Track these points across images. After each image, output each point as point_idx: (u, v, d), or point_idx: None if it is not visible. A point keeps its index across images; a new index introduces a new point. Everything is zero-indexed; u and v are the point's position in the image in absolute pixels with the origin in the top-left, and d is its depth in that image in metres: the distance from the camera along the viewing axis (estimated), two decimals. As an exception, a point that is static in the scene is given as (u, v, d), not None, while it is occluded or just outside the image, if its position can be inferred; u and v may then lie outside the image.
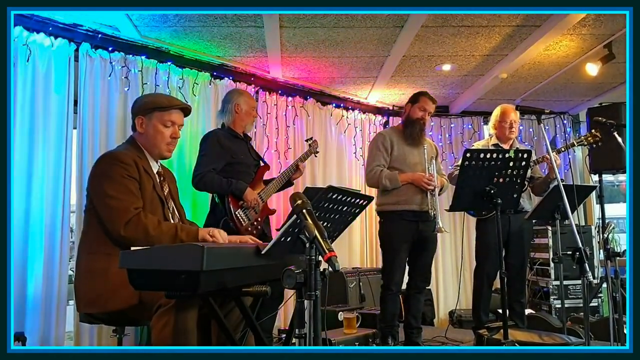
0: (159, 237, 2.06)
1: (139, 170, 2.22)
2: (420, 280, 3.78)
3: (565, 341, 3.07)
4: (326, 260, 1.43)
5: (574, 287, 4.91)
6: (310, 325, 1.44)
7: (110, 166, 2.18)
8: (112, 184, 2.13)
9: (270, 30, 3.93)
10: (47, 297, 3.43)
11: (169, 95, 2.58)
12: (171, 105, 2.37)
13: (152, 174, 2.32)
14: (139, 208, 2.13)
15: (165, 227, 2.12)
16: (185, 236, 2.10)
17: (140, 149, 2.35)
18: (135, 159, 2.24)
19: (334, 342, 3.46)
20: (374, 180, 3.70)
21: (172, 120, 2.35)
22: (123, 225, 2.05)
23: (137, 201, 2.15)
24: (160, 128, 2.33)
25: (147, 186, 2.24)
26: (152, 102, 2.38)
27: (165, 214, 2.31)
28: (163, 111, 2.33)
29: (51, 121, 3.57)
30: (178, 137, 2.39)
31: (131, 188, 2.15)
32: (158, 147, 2.35)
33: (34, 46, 3.52)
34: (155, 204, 2.26)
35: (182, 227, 2.15)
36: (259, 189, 3.50)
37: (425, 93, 3.81)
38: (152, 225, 2.08)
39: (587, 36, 4.17)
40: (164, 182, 2.41)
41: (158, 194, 2.30)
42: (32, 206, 3.42)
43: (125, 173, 2.16)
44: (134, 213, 2.08)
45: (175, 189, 2.54)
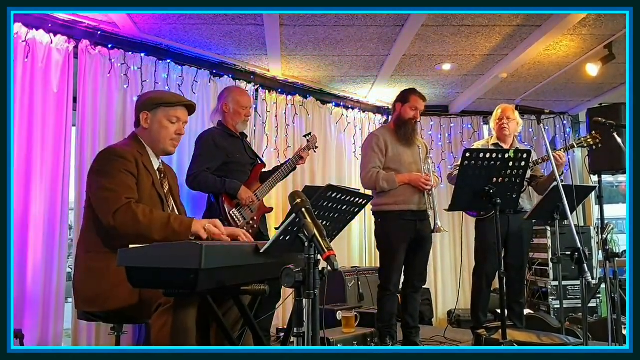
0: (150, 225, 2.03)
1: (138, 166, 2.21)
2: (417, 279, 3.77)
3: (563, 341, 3.07)
4: (325, 259, 1.43)
5: (572, 287, 4.91)
6: (308, 324, 1.44)
7: (108, 161, 2.17)
8: (108, 178, 2.12)
9: (270, 28, 3.92)
10: (46, 295, 3.42)
11: (174, 93, 2.62)
12: (177, 101, 2.38)
13: (152, 170, 2.31)
14: (131, 198, 2.11)
15: (157, 215, 2.09)
16: (178, 226, 2.06)
17: (142, 145, 2.34)
18: (135, 155, 2.23)
19: (332, 341, 3.46)
20: (371, 183, 3.68)
21: (178, 117, 2.35)
22: (112, 213, 2.03)
23: (130, 192, 2.13)
24: (165, 123, 2.33)
25: (146, 183, 2.23)
26: (158, 97, 2.39)
27: (165, 210, 2.29)
28: (169, 107, 2.34)
29: (50, 118, 3.56)
30: (182, 134, 2.40)
31: (127, 181, 2.15)
32: (162, 142, 2.35)
33: (33, 43, 3.50)
34: (154, 201, 2.25)
35: (176, 217, 2.13)
36: (255, 188, 3.49)
37: (415, 91, 3.79)
38: (142, 213, 2.05)
39: (587, 36, 4.16)
40: (164, 179, 2.40)
41: (157, 191, 2.29)
42: (30, 203, 3.41)
43: (123, 168, 2.15)
44: (125, 202, 2.06)
45: (176, 187, 2.53)
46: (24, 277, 3.35)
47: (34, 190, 3.43)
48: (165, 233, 2.02)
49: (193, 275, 1.58)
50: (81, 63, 3.76)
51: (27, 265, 3.37)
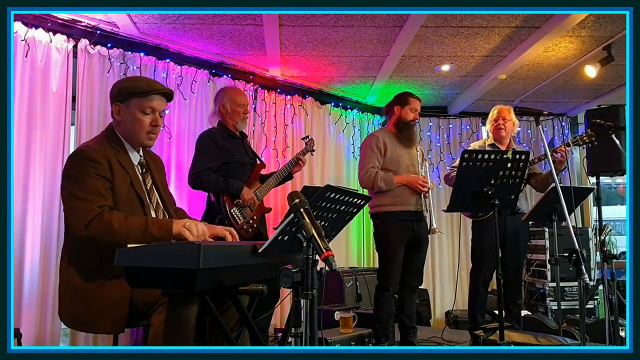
0: (126, 233, 1.89)
1: (112, 167, 2.06)
2: (414, 280, 3.79)
3: (561, 343, 3.07)
4: (323, 260, 1.43)
5: (570, 288, 4.92)
6: (306, 324, 1.44)
7: (78, 166, 2.02)
8: (78, 184, 1.98)
9: (269, 28, 3.92)
10: (43, 294, 3.42)
11: (148, 79, 2.38)
12: (150, 89, 2.15)
13: (130, 168, 2.15)
14: (104, 206, 1.96)
15: (132, 221, 1.94)
16: (157, 230, 1.93)
17: (119, 140, 2.17)
18: (108, 156, 2.07)
19: (330, 341, 3.46)
20: (369, 182, 3.70)
21: (152, 107, 2.14)
22: (85, 225, 1.90)
23: (103, 200, 1.98)
24: (138, 116, 2.13)
25: (122, 184, 2.08)
26: (130, 87, 2.16)
27: (146, 211, 2.14)
28: (142, 97, 2.13)
29: (49, 117, 3.56)
30: (160, 125, 2.20)
31: (99, 188, 1.99)
32: (137, 136, 2.16)
33: (32, 42, 3.50)
34: (133, 203, 2.11)
35: (154, 221, 1.97)
36: (255, 187, 3.49)
37: (411, 93, 3.88)
38: (117, 221, 1.91)
39: (586, 38, 4.17)
40: (146, 174, 2.24)
41: (136, 191, 2.13)
42: (29, 202, 3.41)
43: (94, 172, 2.00)
44: (97, 212, 1.92)
45: (161, 177, 2.37)
46: (21, 275, 3.35)
47: (32, 188, 3.43)
48: (144, 239, 1.89)
49: (191, 275, 1.58)
50: (80, 62, 3.76)
51: (25, 264, 3.37)
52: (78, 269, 2.01)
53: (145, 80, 2.30)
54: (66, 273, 2.05)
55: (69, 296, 2.02)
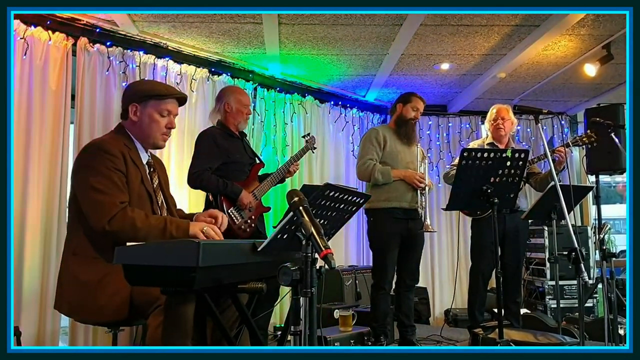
0: (147, 231, 1.96)
1: (126, 162, 2.11)
2: (410, 278, 3.79)
3: (560, 341, 3.08)
4: (322, 258, 1.43)
5: (569, 287, 4.93)
6: (305, 322, 1.44)
7: (95, 157, 2.06)
8: (98, 176, 2.02)
9: (268, 27, 3.92)
10: (43, 292, 3.42)
11: (165, 83, 2.43)
12: (169, 93, 2.26)
13: (140, 165, 2.20)
14: (125, 202, 2.02)
15: (153, 220, 2.01)
16: (175, 230, 1.99)
17: (130, 139, 2.23)
18: (122, 150, 2.12)
19: (329, 339, 3.46)
20: (366, 173, 3.71)
21: (169, 110, 2.24)
22: (107, 220, 1.94)
23: (123, 195, 2.04)
24: (156, 117, 2.21)
25: (134, 180, 2.13)
26: (149, 89, 2.25)
27: (154, 208, 2.21)
28: (160, 100, 2.21)
29: (48, 116, 3.55)
30: (173, 127, 2.28)
31: (118, 182, 2.04)
32: (153, 136, 2.23)
33: (31, 40, 3.50)
34: (143, 199, 2.16)
35: (172, 221, 2.04)
36: (253, 187, 3.49)
37: (415, 93, 3.89)
38: (139, 219, 1.97)
39: (585, 37, 4.17)
40: (153, 174, 2.30)
41: (146, 188, 2.19)
42: (28, 201, 3.41)
43: (112, 165, 2.05)
44: (120, 207, 1.98)
45: (165, 179, 2.43)
46: (21, 274, 3.34)
47: (31, 187, 3.43)
48: (162, 239, 1.96)
49: (190, 273, 1.58)
50: (79, 60, 3.76)
51: (24, 263, 3.36)
52: (84, 258, 2.04)
53: (162, 84, 2.42)
54: (70, 263, 2.07)
55: (71, 285, 2.04)
